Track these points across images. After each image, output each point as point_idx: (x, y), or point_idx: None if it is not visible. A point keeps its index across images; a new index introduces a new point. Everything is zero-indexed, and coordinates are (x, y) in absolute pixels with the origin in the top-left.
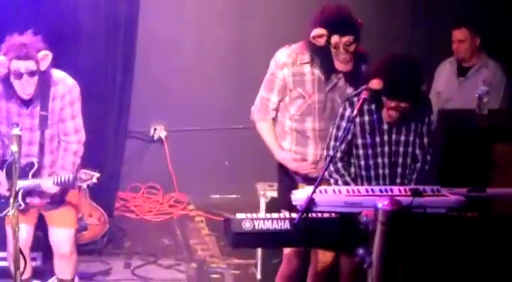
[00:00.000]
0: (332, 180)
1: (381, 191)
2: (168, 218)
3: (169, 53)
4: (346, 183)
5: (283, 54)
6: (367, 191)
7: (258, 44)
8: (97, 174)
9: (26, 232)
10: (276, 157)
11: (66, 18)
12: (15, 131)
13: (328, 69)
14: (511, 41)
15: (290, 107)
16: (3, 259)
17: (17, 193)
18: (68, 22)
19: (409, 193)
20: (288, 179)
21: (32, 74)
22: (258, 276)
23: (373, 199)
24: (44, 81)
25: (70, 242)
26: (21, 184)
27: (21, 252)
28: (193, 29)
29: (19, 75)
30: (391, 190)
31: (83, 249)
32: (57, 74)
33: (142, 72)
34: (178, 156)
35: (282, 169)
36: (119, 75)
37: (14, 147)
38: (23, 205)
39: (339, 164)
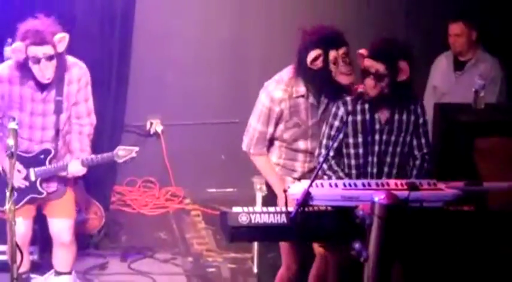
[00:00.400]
0: (326, 178)
1: (377, 184)
2: (165, 212)
3: (166, 47)
4: (339, 178)
5: (278, 91)
6: (363, 184)
7: (255, 39)
8: (136, 148)
9: (24, 226)
10: (276, 192)
11: (61, 12)
12: (12, 125)
13: (329, 91)
14: (508, 34)
15: (284, 133)
16: (4, 253)
17: (13, 188)
18: (63, 17)
19: (405, 187)
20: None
21: (50, 58)
22: (255, 270)
23: (369, 193)
24: (60, 66)
25: (71, 231)
26: (41, 171)
27: (18, 246)
28: (189, 23)
29: (37, 60)
30: (388, 184)
31: (79, 243)
32: (69, 59)
33: (138, 66)
34: (174, 150)
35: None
36: (115, 70)
37: (10, 141)
38: (44, 193)
39: (332, 161)
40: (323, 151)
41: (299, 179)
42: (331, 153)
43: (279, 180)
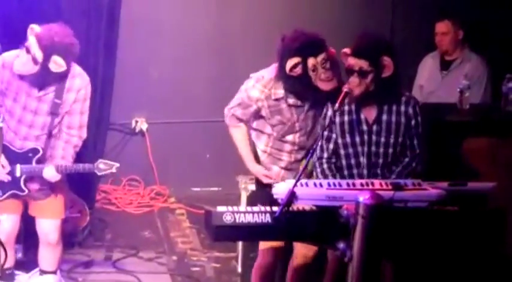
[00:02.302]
0: None
1: (362, 184)
2: (149, 211)
3: (151, 45)
4: None
5: (255, 90)
6: (348, 184)
7: (240, 37)
8: (117, 164)
9: (11, 222)
10: (248, 166)
11: (47, 9)
12: None
13: (309, 97)
14: (494, 34)
15: (271, 129)
16: None
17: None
18: (48, 14)
19: (390, 187)
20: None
21: (34, 60)
22: (239, 269)
23: (354, 193)
24: (63, 72)
25: (57, 231)
26: (27, 169)
27: (2, 244)
28: (175, 21)
29: (27, 50)
30: (372, 184)
31: (64, 241)
32: (76, 68)
33: (124, 64)
34: (159, 149)
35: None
36: (101, 68)
37: None
38: (26, 191)
39: (325, 166)
40: (318, 151)
41: (285, 168)
42: (325, 155)
43: (251, 157)
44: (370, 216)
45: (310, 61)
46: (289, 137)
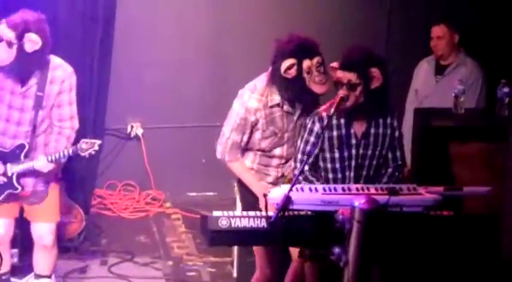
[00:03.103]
0: None
1: (357, 189)
2: (145, 216)
3: (146, 50)
4: None
5: (253, 101)
6: (343, 189)
7: (237, 41)
8: (98, 142)
9: (4, 226)
10: (256, 192)
11: (41, 10)
12: None
13: (303, 100)
14: (490, 39)
15: (262, 143)
16: None
17: None
18: (44, 15)
19: (385, 192)
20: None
21: (9, 43)
22: (234, 274)
23: (349, 198)
24: (42, 64)
25: (53, 233)
26: (15, 167)
27: None
28: (170, 26)
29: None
30: (368, 189)
31: (59, 246)
32: (56, 59)
33: (119, 68)
34: (155, 154)
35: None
36: (96, 72)
37: None
38: (19, 188)
39: (307, 172)
40: (298, 165)
41: (272, 183)
42: (306, 167)
43: (257, 182)
44: (366, 221)
45: (306, 63)
46: (277, 151)
